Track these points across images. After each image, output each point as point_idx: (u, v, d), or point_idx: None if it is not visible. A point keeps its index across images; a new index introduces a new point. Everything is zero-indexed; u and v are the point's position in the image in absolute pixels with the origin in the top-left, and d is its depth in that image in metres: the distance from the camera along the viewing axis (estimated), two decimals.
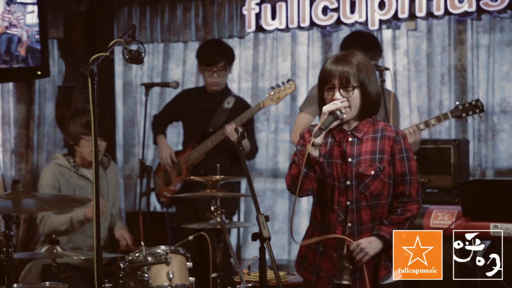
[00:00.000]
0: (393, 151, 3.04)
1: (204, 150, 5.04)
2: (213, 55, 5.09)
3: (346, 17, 5.48)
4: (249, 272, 4.18)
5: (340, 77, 3.00)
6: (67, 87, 6.22)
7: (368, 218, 3.04)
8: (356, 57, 3.07)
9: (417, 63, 5.56)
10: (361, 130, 3.06)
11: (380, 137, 3.05)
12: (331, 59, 3.10)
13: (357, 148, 3.04)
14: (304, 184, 2.99)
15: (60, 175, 4.48)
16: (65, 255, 3.76)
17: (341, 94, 3.01)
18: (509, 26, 5.32)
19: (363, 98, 3.03)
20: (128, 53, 3.27)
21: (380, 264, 3.06)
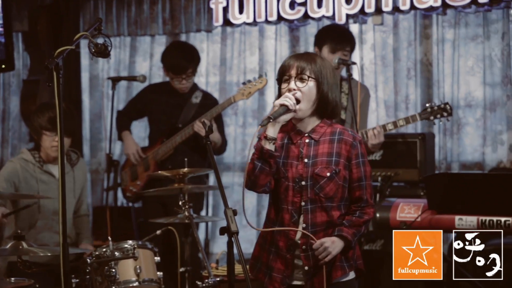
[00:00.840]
0: (349, 155, 3.03)
1: (173, 145, 5.02)
2: (181, 62, 5.03)
3: (314, 11, 5.49)
4: (217, 266, 4.17)
5: (297, 68, 3.01)
6: (32, 80, 6.15)
7: (322, 220, 3.02)
8: (320, 58, 3.09)
9: (383, 58, 5.59)
10: (318, 132, 3.05)
11: (337, 140, 3.04)
12: (293, 54, 3.13)
13: (314, 149, 3.04)
14: (260, 179, 2.98)
15: (22, 170, 4.42)
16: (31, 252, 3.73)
17: (296, 84, 3.00)
18: (474, 21, 5.37)
19: (318, 93, 3.01)
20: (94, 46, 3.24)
21: (336, 264, 3.04)
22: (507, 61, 5.23)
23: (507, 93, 5.23)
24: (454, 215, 4.25)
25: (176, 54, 5.11)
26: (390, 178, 4.90)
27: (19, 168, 4.42)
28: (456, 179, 4.56)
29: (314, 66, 3.01)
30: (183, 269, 3.94)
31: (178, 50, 5.20)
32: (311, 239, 2.98)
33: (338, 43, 4.59)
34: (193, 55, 5.14)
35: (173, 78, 5.08)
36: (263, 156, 2.94)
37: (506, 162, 5.23)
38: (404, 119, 4.55)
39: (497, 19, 5.30)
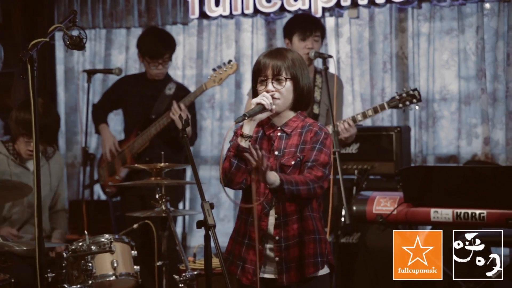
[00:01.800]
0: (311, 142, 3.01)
1: (148, 137, 5.00)
2: (158, 47, 5.03)
3: (290, 4, 5.49)
4: (194, 260, 4.17)
5: (273, 69, 3.01)
6: (6, 73, 6.09)
7: (293, 209, 3.01)
8: (290, 52, 3.09)
9: (359, 51, 5.60)
10: (290, 126, 3.06)
11: (305, 132, 3.04)
12: (265, 53, 3.11)
13: (285, 142, 3.04)
14: (236, 176, 2.97)
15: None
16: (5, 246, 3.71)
17: (273, 85, 3.01)
18: (449, 15, 5.40)
19: (296, 91, 3.03)
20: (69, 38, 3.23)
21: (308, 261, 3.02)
22: (482, 54, 5.27)
23: (482, 87, 5.27)
24: (429, 208, 4.28)
25: (153, 39, 5.10)
26: (366, 171, 4.92)
27: None
28: (431, 172, 4.59)
29: (288, 63, 3.01)
30: (160, 263, 3.93)
31: (155, 35, 5.19)
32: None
33: (307, 30, 4.61)
34: (170, 41, 5.15)
35: (149, 63, 5.06)
36: (239, 153, 2.93)
37: (481, 155, 5.28)
38: (372, 109, 4.55)
39: (471, 13, 5.33)
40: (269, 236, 3.04)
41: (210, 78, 4.86)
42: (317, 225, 3.05)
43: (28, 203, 4.41)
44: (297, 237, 3.01)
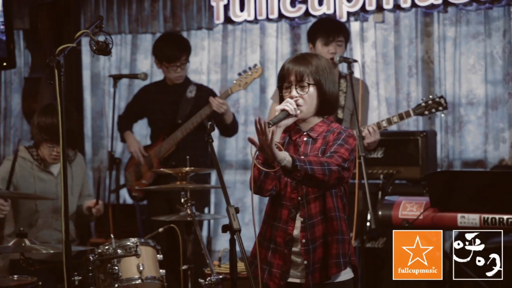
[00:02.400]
0: (333, 139, 3.01)
1: (174, 141, 5.02)
2: (174, 51, 5.07)
3: (314, 9, 5.49)
4: (219, 264, 4.18)
5: (296, 75, 3.01)
6: (34, 78, 6.15)
7: (317, 210, 3.02)
8: (316, 58, 3.08)
9: (384, 55, 5.59)
10: (316, 131, 3.06)
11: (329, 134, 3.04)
12: (290, 58, 3.12)
13: (310, 147, 3.04)
14: (266, 183, 2.98)
15: (20, 168, 4.41)
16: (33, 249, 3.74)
17: (297, 91, 3.01)
18: (475, 19, 5.37)
19: (320, 96, 3.03)
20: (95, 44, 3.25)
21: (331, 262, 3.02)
22: (509, 58, 5.23)
23: (509, 91, 5.24)
24: (456, 213, 4.25)
25: (168, 43, 5.15)
26: (392, 176, 4.90)
27: (16, 167, 4.41)
28: (458, 176, 4.56)
29: (312, 69, 3.01)
30: (185, 267, 3.94)
31: (169, 40, 5.25)
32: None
33: (330, 34, 4.61)
34: (184, 43, 5.20)
35: (168, 68, 5.10)
36: (267, 161, 2.93)
37: (508, 160, 5.24)
38: (397, 116, 4.54)
39: (498, 17, 5.30)
40: (295, 240, 3.04)
41: (235, 83, 4.87)
42: (341, 225, 3.04)
43: (53, 208, 4.44)
44: (322, 238, 3.02)
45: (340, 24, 4.89)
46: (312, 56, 3.11)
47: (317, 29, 4.70)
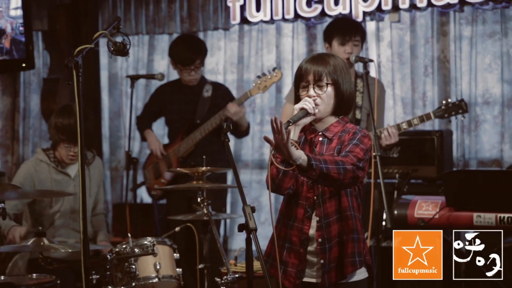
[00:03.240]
0: (348, 139, 3.00)
1: (193, 141, 5.04)
2: (189, 54, 5.08)
3: (330, 9, 5.49)
4: (235, 263, 4.19)
5: (314, 74, 3.01)
6: (52, 79, 6.18)
7: (333, 209, 3.01)
8: (333, 58, 3.08)
9: (400, 55, 5.57)
10: (332, 131, 3.06)
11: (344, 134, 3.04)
12: (307, 58, 3.11)
13: (326, 147, 3.04)
14: (284, 182, 2.97)
15: (36, 172, 4.44)
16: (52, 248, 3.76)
17: (315, 91, 3.01)
18: (491, 18, 5.34)
19: (337, 96, 3.03)
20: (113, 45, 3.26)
21: (347, 261, 3.01)
22: None
23: None
24: (472, 212, 4.25)
25: (183, 46, 5.16)
26: (408, 175, 4.89)
27: (32, 171, 4.43)
28: (474, 176, 4.55)
29: (330, 69, 3.01)
30: (202, 266, 3.95)
31: (185, 42, 5.23)
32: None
33: (346, 34, 4.57)
34: (200, 46, 5.19)
35: (182, 70, 5.12)
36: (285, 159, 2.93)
37: None
38: (418, 118, 4.53)
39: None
40: (311, 239, 3.04)
41: (254, 85, 4.87)
42: (356, 225, 3.03)
43: (70, 208, 4.46)
44: (338, 237, 3.01)
45: (357, 23, 4.87)
46: (329, 56, 3.10)
47: (334, 28, 4.67)
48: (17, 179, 4.47)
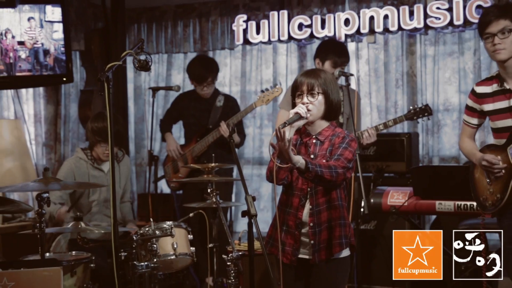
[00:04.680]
0: (338, 143, 3.01)
1: (206, 143, 5.02)
2: (202, 72, 5.04)
3: (318, 32, 5.49)
4: (239, 242, 4.18)
5: (308, 85, 3.02)
6: (88, 90, 6.18)
7: (323, 199, 3.01)
8: (323, 72, 3.09)
9: (376, 70, 5.58)
10: (323, 134, 3.06)
11: (334, 138, 3.04)
12: (302, 72, 3.12)
13: (319, 148, 3.04)
14: (279, 173, 2.98)
15: (76, 168, 4.44)
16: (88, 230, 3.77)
17: (308, 99, 3.01)
18: (450, 40, 5.35)
19: (326, 103, 3.03)
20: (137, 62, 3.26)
21: (335, 242, 3.01)
22: (478, 72, 5.20)
23: None
24: (435, 201, 4.25)
25: (197, 66, 5.13)
26: (382, 169, 4.89)
27: (73, 168, 4.43)
28: (436, 170, 4.56)
29: (321, 81, 3.02)
30: (211, 245, 3.95)
31: (199, 62, 5.20)
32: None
33: (338, 61, 4.45)
34: (212, 66, 5.14)
35: (196, 86, 5.11)
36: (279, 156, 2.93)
37: None
38: (392, 120, 4.53)
39: (469, 38, 5.28)
40: (304, 224, 3.04)
41: (258, 99, 4.84)
42: (343, 212, 3.04)
43: (104, 198, 4.47)
44: (327, 223, 3.01)
45: (347, 50, 4.69)
46: (320, 71, 3.11)
47: (330, 51, 4.48)
48: (60, 174, 4.47)
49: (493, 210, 3.24)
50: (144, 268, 3.64)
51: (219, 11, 5.98)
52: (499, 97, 3.26)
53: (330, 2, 5.59)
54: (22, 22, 5.48)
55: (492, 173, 3.23)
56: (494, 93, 3.27)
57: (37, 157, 6.32)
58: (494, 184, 3.23)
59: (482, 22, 3.25)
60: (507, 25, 3.17)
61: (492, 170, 3.21)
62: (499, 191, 3.20)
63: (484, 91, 3.34)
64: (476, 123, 3.42)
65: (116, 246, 3.05)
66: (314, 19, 5.49)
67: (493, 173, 3.21)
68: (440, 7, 5.10)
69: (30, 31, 5.47)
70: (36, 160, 6.17)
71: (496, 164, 3.18)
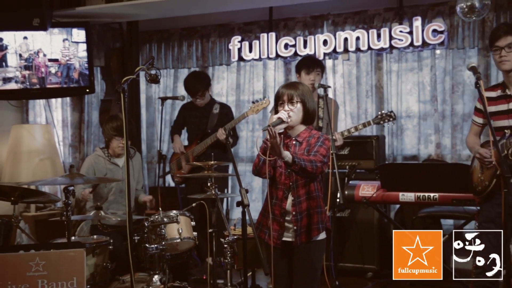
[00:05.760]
0: (315, 143, 3.02)
1: (205, 145, 5.01)
2: (193, 86, 5.01)
3: (301, 50, 5.49)
4: (234, 228, 4.18)
5: (288, 95, 3.03)
6: (107, 100, 6.17)
7: (303, 192, 3.02)
8: (301, 84, 3.10)
9: (349, 83, 5.58)
10: (301, 136, 3.07)
11: (311, 139, 3.05)
12: (283, 85, 3.13)
13: (298, 148, 3.05)
14: (263, 168, 2.99)
15: (95, 163, 4.46)
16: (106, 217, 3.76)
17: (288, 106, 3.02)
18: (411, 58, 5.36)
19: (304, 110, 3.04)
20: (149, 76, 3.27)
21: (314, 227, 3.02)
22: (434, 85, 5.23)
23: (434, 108, 5.23)
24: (398, 192, 4.26)
25: (190, 81, 5.09)
26: (355, 166, 4.89)
27: (93, 163, 4.44)
28: (399, 167, 4.57)
29: (299, 92, 3.03)
30: (211, 230, 3.94)
31: (192, 78, 5.14)
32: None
33: (310, 66, 4.55)
34: (202, 81, 5.06)
35: (191, 97, 5.09)
36: (265, 153, 2.94)
37: (434, 155, 5.23)
38: (362, 124, 4.54)
39: (427, 57, 5.29)
40: (288, 212, 3.04)
41: (250, 109, 4.81)
42: (320, 202, 3.05)
43: (120, 189, 4.46)
44: (306, 211, 3.02)
45: (318, 59, 4.85)
46: (299, 83, 3.12)
47: (302, 62, 4.65)
48: (83, 169, 4.47)
49: (482, 195, 3.32)
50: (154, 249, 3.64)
51: (217, 33, 5.97)
52: (501, 101, 3.32)
53: (311, 25, 5.59)
54: (53, 43, 5.50)
55: (484, 164, 3.30)
56: (497, 98, 3.32)
57: (64, 156, 6.32)
58: (485, 173, 3.31)
59: (493, 36, 3.30)
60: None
61: (483, 162, 3.28)
62: (487, 179, 3.28)
63: (490, 95, 3.38)
64: (482, 122, 3.47)
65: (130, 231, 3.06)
66: (298, 40, 5.49)
67: (484, 164, 3.29)
68: (402, 30, 5.12)
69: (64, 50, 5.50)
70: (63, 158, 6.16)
71: (487, 158, 3.24)
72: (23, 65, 5.48)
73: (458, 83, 5.15)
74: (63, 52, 5.51)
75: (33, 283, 2.42)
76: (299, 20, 5.64)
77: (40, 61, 5.51)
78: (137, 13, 5.59)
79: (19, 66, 5.48)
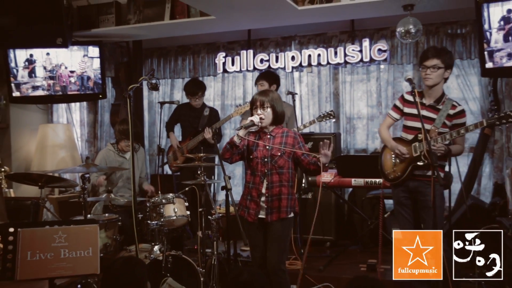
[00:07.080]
0: (294, 143, 3.04)
1: (197, 141, 5.00)
2: (194, 89, 5.01)
3: (274, 64, 5.49)
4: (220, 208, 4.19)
5: (260, 101, 3.04)
6: (116, 104, 6.12)
7: (277, 179, 3.03)
8: (272, 92, 3.11)
9: (312, 91, 5.61)
10: (274, 132, 3.09)
11: (285, 136, 3.07)
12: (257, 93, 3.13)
13: (272, 141, 3.06)
14: (225, 154, 3.02)
15: (107, 156, 4.43)
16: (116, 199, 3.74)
17: (261, 110, 3.04)
18: (361, 71, 5.41)
19: (274, 114, 3.06)
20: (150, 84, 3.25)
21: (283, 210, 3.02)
22: (379, 93, 5.28)
23: (379, 111, 5.28)
24: (351, 178, 4.30)
25: (191, 84, 5.09)
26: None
27: (105, 156, 4.41)
28: (352, 158, 4.61)
29: (269, 98, 3.04)
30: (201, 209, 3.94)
31: (192, 82, 5.16)
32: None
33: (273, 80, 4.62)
34: (201, 85, 5.10)
35: (190, 99, 5.08)
36: (230, 143, 2.99)
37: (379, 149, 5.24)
38: (309, 122, 4.54)
39: (374, 70, 5.34)
40: (263, 194, 3.05)
41: (234, 111, 4.81)
42: (290, 190, 3.06)
43: (127, 177, 4.44)
44: (278, 195, 3.02)
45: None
46: (269, 91, 3.13)
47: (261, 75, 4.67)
48: (97, 160, 4.44)
49: (393, 182, 3.34)
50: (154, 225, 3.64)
51: (206, 50, 5.95)
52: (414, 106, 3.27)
53: (281, 44, 5.61)
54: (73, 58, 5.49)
55: (399, 158, 3.31)
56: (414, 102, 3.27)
57: (81, 149, 6.26)
58: (398, 165, 3.32)
59: (422, 56, 3.26)
60: (437, 63, 3.19)
61: (400, 157, 3.29)
62: (400, 171, 3.30)
63: (409, 99, 3.36)
64: (397, 118, 3.42)
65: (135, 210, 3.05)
66: (271, 56, 5.50)
67: (400, 158, 3.30)
68: (354, 49, 5.16)
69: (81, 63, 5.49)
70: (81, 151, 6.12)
71: (404, 154, 3.26)
72: (48, 75, 5.50)
73: (398, 92, 5.22)
74: (80, 65, 5.51)
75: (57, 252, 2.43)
76: (272, 40, 5.65)
77: (62, 73, 5.53)
78: (141, 34, 5.57)
79: (45, 77, 5.50)
